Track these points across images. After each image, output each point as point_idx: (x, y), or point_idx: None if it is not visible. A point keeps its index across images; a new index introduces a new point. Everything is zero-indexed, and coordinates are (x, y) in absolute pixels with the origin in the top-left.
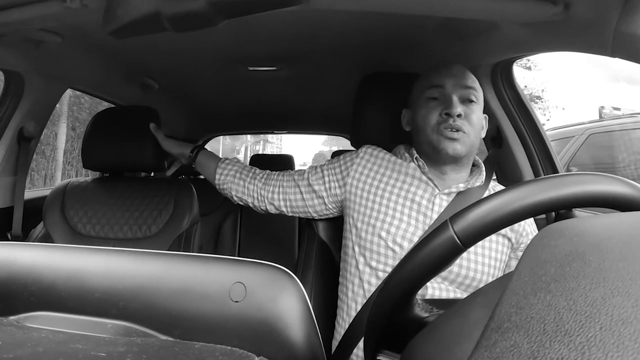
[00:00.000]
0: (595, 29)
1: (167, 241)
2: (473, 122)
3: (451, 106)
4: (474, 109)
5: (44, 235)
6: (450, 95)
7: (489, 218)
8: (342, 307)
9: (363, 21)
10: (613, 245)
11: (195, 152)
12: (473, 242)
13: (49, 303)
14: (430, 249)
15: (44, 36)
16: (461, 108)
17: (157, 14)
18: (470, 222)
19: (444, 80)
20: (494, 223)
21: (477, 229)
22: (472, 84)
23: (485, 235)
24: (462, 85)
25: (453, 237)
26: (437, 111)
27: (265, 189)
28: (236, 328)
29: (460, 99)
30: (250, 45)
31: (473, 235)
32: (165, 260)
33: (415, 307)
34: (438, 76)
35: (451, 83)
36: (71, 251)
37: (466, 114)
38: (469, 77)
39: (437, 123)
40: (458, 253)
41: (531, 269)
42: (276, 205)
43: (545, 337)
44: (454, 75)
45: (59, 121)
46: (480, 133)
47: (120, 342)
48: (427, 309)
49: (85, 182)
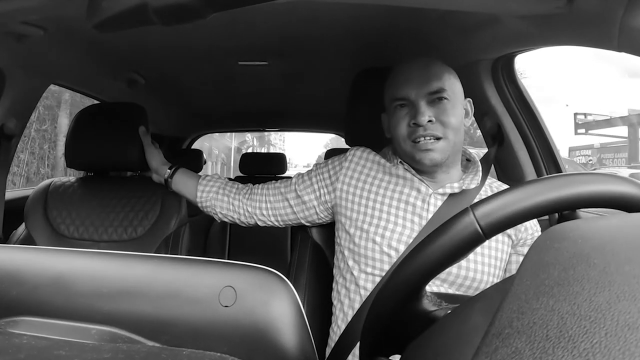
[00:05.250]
0: (600, 23)
1: (154, 243)
2: (447, 122)
3: (418, 114)
4: (446, 107)
5: (26, 238)
6: (417, 103)
7: (512, 209)
8: (336, 313)
9: (358, 13)
10: (619, 247)
11: (173, 169)
12: (495, 232)
13: (30, 308)
14: (450, 235)
15: (25, 29)
16: (430, 112)
17: (143, 6)
18: (494, 211)
19: (406, 91)
20: (517, 215)
21: (501, 218)
22: (439, 85)
23: (508, 227)
24: (427, 92)
25: (475, 225)
26: (405, 121)
27: (251, 205)
28: (226, 334)
29: (428, 102)
30: (240, 39)
31: (496, 224)
32: (152, 263)
33: (424, 299)
34: (400, 88)
35: (414, 93)
36: (54, 254)
37: (437, 116)
38: (433, 77)
39: (408, 134)
40: (478, 243)
41: (534, 272)
42: (265, 220)
43: (548, 343)
44: (416, 83)
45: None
46: (460, 129)
47: (105, 348)
48: (436, 302)
49: (69, 182)
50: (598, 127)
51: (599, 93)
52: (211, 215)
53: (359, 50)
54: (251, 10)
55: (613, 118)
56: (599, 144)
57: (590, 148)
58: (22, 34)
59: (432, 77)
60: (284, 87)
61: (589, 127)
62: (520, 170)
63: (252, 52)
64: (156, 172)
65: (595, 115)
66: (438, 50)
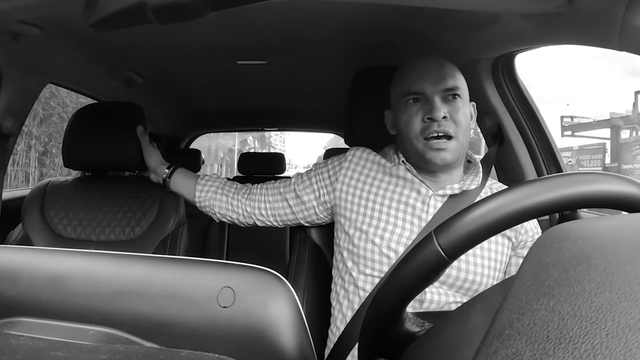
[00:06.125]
0: (601, 22)
1: (152, 244)
2: (459, 121)
3: (434, 109)
4: (459, 106)
5: (23, 238)
6: (432, 98)
7: (473, 228)
8: (335, 314)
9: (357, 12)
10: (620, 248)
11: (171, 169)
12: (459, 253)
13: (28, 309)
14: (414, 264)
15: (22, 29)
16: (445, 109)
17: (141, 5)
18: (454, 234)
19: (422, 86)
20: (480, 232)
21: (462, 240)
22: (454, 83)
23: (472, 246)
24: (443, 89)
25: (438, 251)
26: (419, 116)
27: (249, 205)
28: (224, 335)
29: (443, 98)
30: (238, 38)
31: (459, 247)
32: (150, 263)
33: (405, 321)
34: (414, 83)
35: (429, 88)
36: (51, 254)
37: (451, 114)
38: (448, 75)
39: (421, 130)
40: (444, 266)
41: (534, 273)
42: (264, 220)
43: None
44: (431, 78)
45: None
46: (468, 130)
47: (103, 349)
48: (419, 324)
49: (66, 182)
50: (583, 130)
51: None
52: (210, 216)
53: (358, 49)
54: (250, 9)
55: (597, 121)
56: (578, 147)
57: (570, 150)
58: (19, 33)
59: (447, 75)
60: (283, 86)
61: (575, 130)
62: (521, 170)
63: (251, 51)
64: (154, 172)
65: (580, 118)
66: (438, 49)
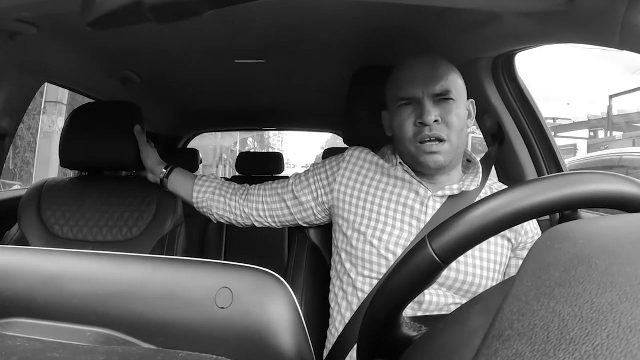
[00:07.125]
0: (602, 20)
1: (150, 244)
2: (452, 123)
3: (424, 114)
4: (451, 108)
5: (19, 238)
6: (423, 102)
7: (467, 231)
8: (334, 315)
9: (356, 10)
10: (621, 248)
11: (169, 169)
12: (454, 258)
13: (24, 309)
14: (409, 269)
15: (19, 27)
16: (437, 112)
17: (138, 3)
18: (448, 238)
19: (413, 90)
20: (474, 236)
21: (457, 244)
22: (446, 86)
23: (467, 249)
24: (434, 92)
25: (431, 256)
26: (411, 120)
27: (247, 206)
28: (222, 336)
29: (435, 101)
30: (237, 37)
31: (453, 251)
32: (148, 264)
33: (402, 326)
34: (405, 87)
35: (421, 92)
36: (48, 255)
37: (443, 117)
38: (440, 77)
39: (414, 135)
40: (439, 271)
41: (534, 273)
42: (262, 221)
43: (549, 345)
44: (422, 82)
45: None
46: (463, 131)
47: (100, 350)
48: (416, 328)
49: (63, 182)
50: (564, 131)
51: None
52: (207, 216)
53: (357, 48)
54: (248, 8)
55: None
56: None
57: None
58: (15, 32)
59: (439, 77)
60: (282, 85)
61: (557, 131)
62: (521, 170)
63: (249, 49)
64: (152, 172)
65: (561, 120)
66: (437, 48)
